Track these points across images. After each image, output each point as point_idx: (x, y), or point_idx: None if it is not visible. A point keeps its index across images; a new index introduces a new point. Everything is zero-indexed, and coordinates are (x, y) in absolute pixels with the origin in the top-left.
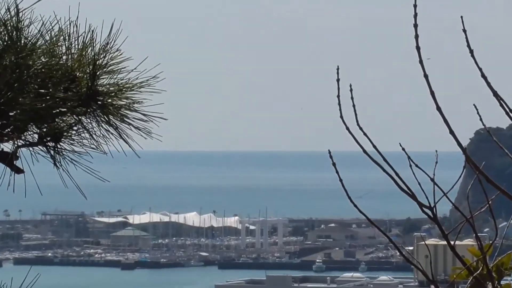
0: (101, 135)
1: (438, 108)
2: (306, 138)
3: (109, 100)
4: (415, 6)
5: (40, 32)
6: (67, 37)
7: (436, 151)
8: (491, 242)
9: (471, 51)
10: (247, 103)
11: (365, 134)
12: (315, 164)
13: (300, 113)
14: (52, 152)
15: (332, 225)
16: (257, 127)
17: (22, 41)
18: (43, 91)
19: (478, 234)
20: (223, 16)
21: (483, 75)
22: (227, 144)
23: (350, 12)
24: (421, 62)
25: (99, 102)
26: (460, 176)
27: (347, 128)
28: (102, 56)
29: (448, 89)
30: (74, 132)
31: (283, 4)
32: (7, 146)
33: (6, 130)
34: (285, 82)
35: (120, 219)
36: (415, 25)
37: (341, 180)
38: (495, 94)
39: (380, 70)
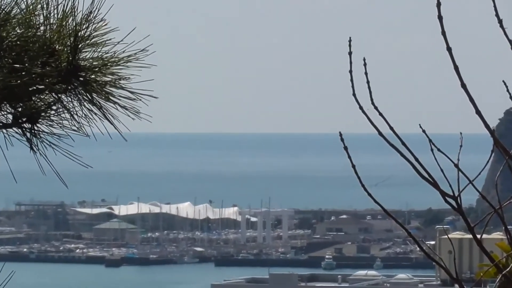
0: (83, 116)
1: (463, 85)
2: (314, 119)
3: (92, 76)
4: None
5: (15, 0)
6: (45, 6)
7: (461, 133)
8: None
9: (500, 21)
10: (247, 81)
11: (380, 114)
12: (324, 148)
13: (307, 90)
14: (28, 134)
15: (344, 216)
16: (258, 106)
17: None
18: (18, 66)
19: (508, 227)
20: None
21: None
22: (224, 125)
23: None
24: (443, 33)
25: (81, 79)
26: (487, 162)
27: (361, 108)
28: (84, 26)
29: (474, 63)
30: (53, 112)
31: None
32: None
33: None
34: (288, 58)
35: (104, 209)
36: None
37: (353, 166)
38: None
39: (397, 43)
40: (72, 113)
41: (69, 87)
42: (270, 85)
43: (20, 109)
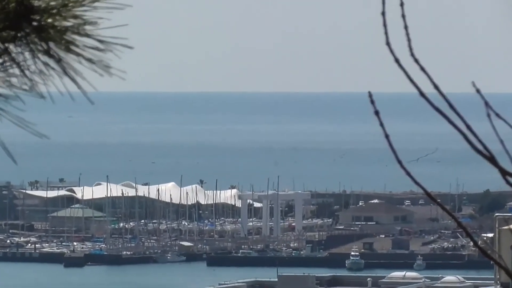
0: (37, 71)
1: None
2: (333, 76)
3: (49, 20)
4: None
5: None
6: None
7: None
8: None
9: None
10: (240, 34)
11: (422, 68)
12: (348, 111)
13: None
14: None
15: (375, 201)
16: (261, 60)
17: None
18: None
19: None
20: None
21: None
22: (220, 83)
23: None
24: None
25: (35, 23)
26: None
27: (397, 60)
28: None
29: None
30: None
31: None
32: None
33: None
34: (299, 8)
35: (63, 192)
36: None
37: (387, 136)
38: None
39: None
40: (22, 67)
41: (19, 34)
42: (272, 37)
43: None
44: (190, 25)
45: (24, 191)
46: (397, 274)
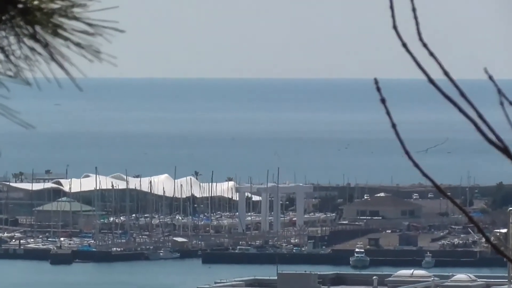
0: (23, 56)
1: None
2: (335, 61)
3: (35, 2)
4: None
5: None
6: None
7: None
8: None
9: None
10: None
11: (431, 53)
12: (352, 99)
13: (324, 26)
14: None
15: (382, 194)
16: (257, 45)
17: None
18: None
19: None
20: None
21: None
22: (217, 68)
23: None
24: None
25: (20, 5)
26: None
27: (404, 45)
28: None
29: None
30: None
31: None
32: None
33: None
34: None
35: (49, 185)
36: None
37: (394, 126)
38: None
39: None
40: (7, 52)
41: (3, 17)
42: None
43: None
44: (184, 7)
45: (8, 183)
46: (405, 272)
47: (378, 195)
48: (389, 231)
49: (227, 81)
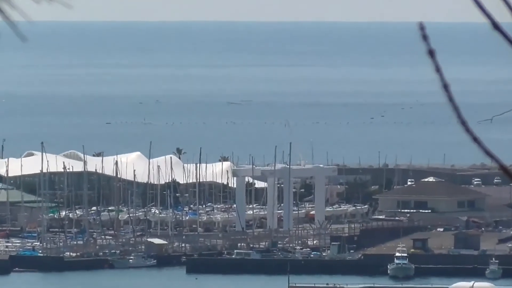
0: None
1: None
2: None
3: None
4: None
5: None
6: None
7: None
8: None
9: None
10: None
11: None
12: (392, 50)
13: None
14: None
15: (431, 179)
16: None
17: None
18: None
19: None
20: None
21: None
22: (205, 9)
23: None
24: None
25: None
26: None
27: None
28: None
29: None
30: None
31: None
32: None
33: None
34: None
35: None
36: None
37: (446, 86)
38: None
39: None
40: None
41: None
42: None
43: None
44: None
45: None
46: (462, 285)
47: (426, 179)
48: (441, 229)
49: (217, 23)
